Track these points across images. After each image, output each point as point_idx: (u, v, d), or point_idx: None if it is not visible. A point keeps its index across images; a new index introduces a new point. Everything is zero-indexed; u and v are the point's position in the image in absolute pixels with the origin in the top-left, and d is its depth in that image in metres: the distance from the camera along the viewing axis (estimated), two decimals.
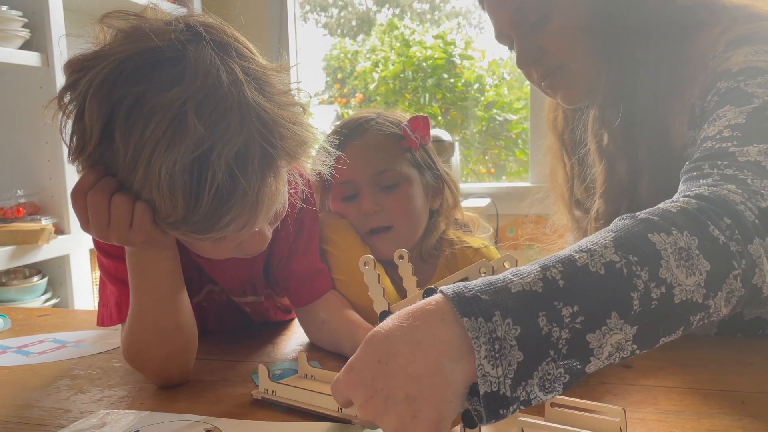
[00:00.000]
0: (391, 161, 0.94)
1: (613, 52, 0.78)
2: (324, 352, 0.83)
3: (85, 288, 1.92)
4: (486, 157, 2.97)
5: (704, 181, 0.57)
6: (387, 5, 3.31)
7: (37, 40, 1.77)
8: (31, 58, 1.75)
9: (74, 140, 0.60)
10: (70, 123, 0.61)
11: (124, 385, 0.73)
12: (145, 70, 0.57)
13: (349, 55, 3.24)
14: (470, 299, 0.44)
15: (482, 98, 2.93)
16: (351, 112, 3.03)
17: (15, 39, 1.72)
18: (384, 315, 0.61)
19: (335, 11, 3.43)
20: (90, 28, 0.63)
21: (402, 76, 2.96)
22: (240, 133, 0.56)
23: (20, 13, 1.72)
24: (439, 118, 2.92)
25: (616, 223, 0.51)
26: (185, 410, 0.65)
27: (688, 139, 0.74)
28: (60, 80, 1.80)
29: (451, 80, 2.93)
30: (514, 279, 0.45)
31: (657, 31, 0.77)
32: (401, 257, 0.63)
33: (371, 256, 0.62)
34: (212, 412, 0.64)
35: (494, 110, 2.89)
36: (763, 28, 0.71)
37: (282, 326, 0.97)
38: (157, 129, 0.55)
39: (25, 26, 1.74)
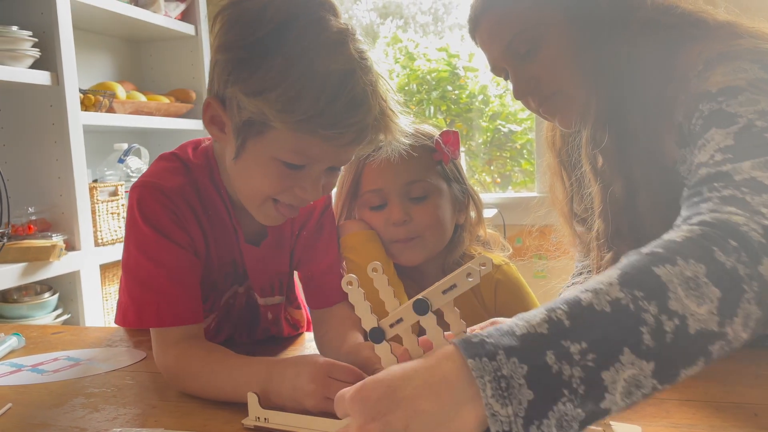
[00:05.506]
0: (422, 172, 0.96)
1: (601, 74, 0.79)
2: None
3: (95, 304, 1.93)
4: (492, 168, 2.98)
5: (705, 205, 0.56)
6: (390, 17, 3.33)
7: (47, 59, 1.80)
8: (41, 77, 1.77)
9: (240, 31, 0.70)
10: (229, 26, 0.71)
11: (139, 403, 0.74)
12: (323, 8, 0.71)
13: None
14: (476, 344, 0.45)
15: (486, 109, 2.94)
16: None
17: (25, 58, 1.74)
18: (374, 331, 0.62)
19: None
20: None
21: (407, 88, 2.98)
22: (373, 75, 0.70)
23: (30, 33, 1.74)
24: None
25: (623, 260, 0.51)
26: (199, 428, 0.65)
27: (679, 157, 0.75)
28: (70, 99, 1.83)
29: (456, 92, 2.94)
30: (520, 323, 0.46)
31: (643, 51, 0.78)
32: (374, 270, 0.63)
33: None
34: (226, 430, 0.65)
35: (499, 121, 2.90)
36: (741, 45, 0.71)
37: (288, 343, 0.97)
38: (327, 41, 0.69)
39: (35, 46, 1.76)
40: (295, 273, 0.95)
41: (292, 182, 0.74)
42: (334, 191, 0.94)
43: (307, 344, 0.96)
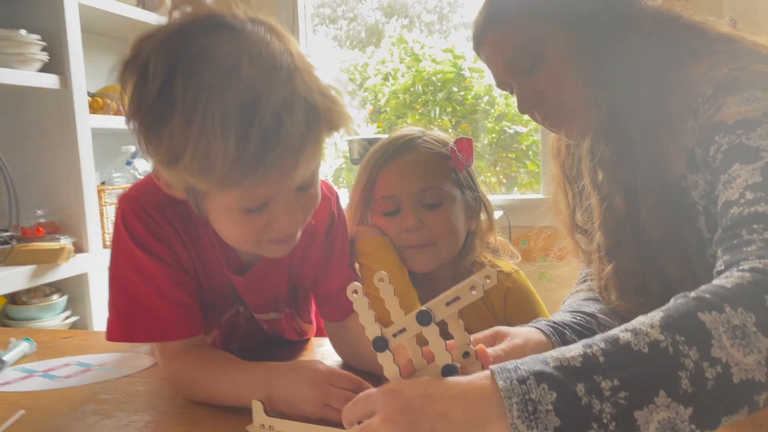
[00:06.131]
0: (436, 179, 0.97)
1: (603, 86, 0.79)
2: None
3: (103, 306, 1.94)
4: (497, 168, 2.98)
5: (748, 248, 0.56)
6: (396, 16, 3.33)
7: (55, 63, 1.81)
8: (49, 81, 1.78)
9: (134, 98, 0.64)
10: (127, 90, 0.65)
11: (149, 410, 0.75)
12: (207, 30, 0.64)
13: (359, 68, 3.27)
14: (510, 369, 0.48)
15: (492, 110, 2.94)
16: (364, 125, 3.05)
17: (34, 62, 1.75)
18: (377, 340, 0.63)
19: (344, 23, 3.46)
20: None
21: (412, 90, 2.98)
22: (287, 85, 0.62)
23: (39, 37, 1.76)
24: (450, 130, 2.94)
25: (670, 302, 0.51)
26: None
27: (691, 183, 0.75)
28: (78, 102, 1.84)
29: (461, 93, 2.95)
30: (555, 354, 0.48)
31: (646, 62, 0.78)
32: (381, 279, 0.64)
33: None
34: None
35: (504, 122, 2.90)
36: (748, 71, 0.71)
37: (297, 348, 0.98)
38: (215, 74, 0.61)
39: (43, 49, 1.77)
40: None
41: (264, 221, 0.69)
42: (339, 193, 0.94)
43: (316, 350, 0.97)
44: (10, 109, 1.89)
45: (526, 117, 0.94)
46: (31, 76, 1.74)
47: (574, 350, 0.49)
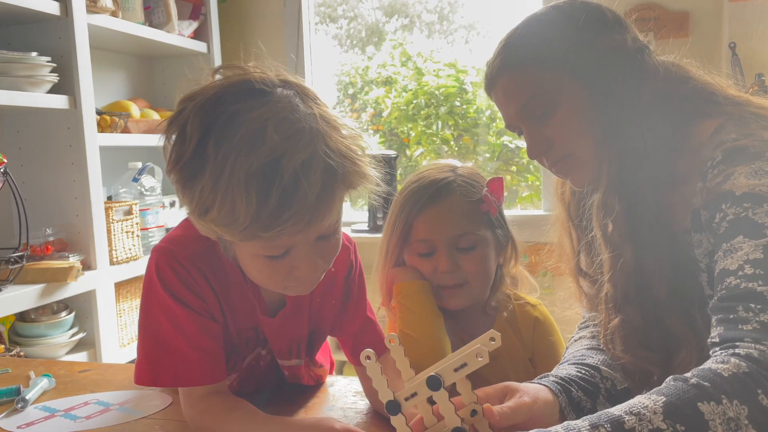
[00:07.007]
0: (471, 225, 1.02)
1: (614, 142, 0.81)
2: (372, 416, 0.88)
3: (110, 322, 1.98)
4: None
5: (744, 327, 0.59)
6: (396, 16, 3.35)
7: (64, 83, 1.83)
8: (59, 101, 1.81)
9: (174, 154, 0.71)
10: (170, 144, 0.72)
11: None
12: (240, 96, 0.70)
13: (360, 70, 3.28)
14: None
15: (494, 125, 2.97)
16: (364, 127, 3.07)
17: (44, 84, 1.77)
18: (390, 404, 0.66)
19: (344, 22, 3.47)
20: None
21: (415, 102, 3.01)
22: (308, 148, 0.68)
23: (49, 59, 1.78)
24: (452, 143, 2.97)
25: (669, 384, 0.54)
26: None
27: (695, 241, 0.77)
28: (87, 121, 1.86)
29: (463, 107, 2.97)
30: None
31: (657, 121, 0.80)
32: (391, 341, 0.68)
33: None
34: None
35: (505, 137, 2.93)
36: (755, 138, 0.73)
37: (313, 391, 1.00)
38: (243, 138, 0.67)
39: (53, 71, 1.79)
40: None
41: (287, 267, 0.74)
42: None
43: (328, 390, 1.00)
44: (20, 129, 1.91)
45: None
46: (41, 98, 1.76)
47: (582, 429, 0.52)
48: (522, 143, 3.09)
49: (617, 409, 0.53)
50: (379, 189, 0.77)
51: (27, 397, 0.94)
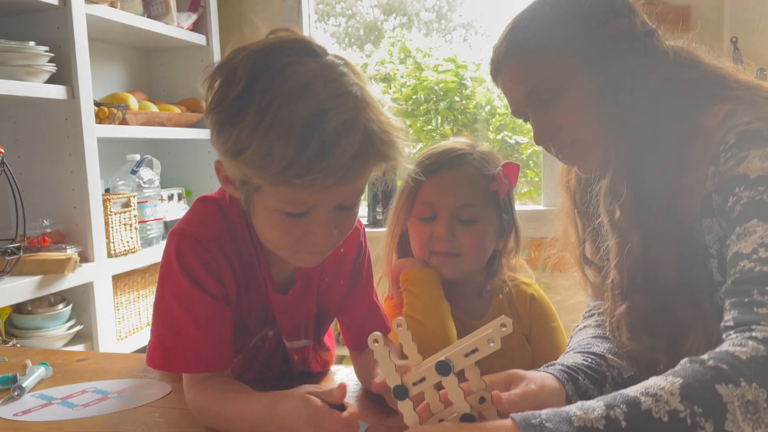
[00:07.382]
0: (476, 198, 1.02)
1: (623, 127, 0.80)
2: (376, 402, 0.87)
3: (108, 314, 1.96)
4: None
5: (760, 311, 0.59)
6: (394, 14, 3.34)
7: (62, 74, 1.82)
8: (57, 92, 1.79)
9: (217, 95, 0.71)
10: (212, 90, 0.72)
11: None
12: (295, 51, 0.71)
13: (359, 67, 3.27)
14: (534, 425, 0.50)
15: (493, 120, 2.97)
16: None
17: (42, 74, 1.76)
18: (398, 389, 0.65)
19: (343, 20, 3.46)
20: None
21: (414, 98, 3.00)
22: (352, 110, 0.69)
23: (47, 48, 1.76)
24: (451, 138, 2.96)
25: (685, 366, 0.54)
26: None
27: (705, 226, 0.76)
28: (85, 112, 1.85)
29: (463, 102, 2.96)
30: (578, 413, 0.50)
31: (666, 105, 0.79)
32: (399, 325, 0.67)
33: (380, 333, 0.66)
34: None
35: (505, 132, 2.93)
36: None
37: (317, 380, 0.99)
38: (292, 87, 0.68)
39: (51, 60, 1.78)
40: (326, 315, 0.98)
41: (302, 230, 0.75)
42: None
43: (334, 380, 0.98)
44: (17, 119, 1.90)
45: (527, 127, 0.95)
46: (38, 88, 1.74)
47: (597, 410, 0.51)
48: (521, 139, 3.08)
49: (633, 390, 0.52)
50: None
51: (23, 385, 0.93)
